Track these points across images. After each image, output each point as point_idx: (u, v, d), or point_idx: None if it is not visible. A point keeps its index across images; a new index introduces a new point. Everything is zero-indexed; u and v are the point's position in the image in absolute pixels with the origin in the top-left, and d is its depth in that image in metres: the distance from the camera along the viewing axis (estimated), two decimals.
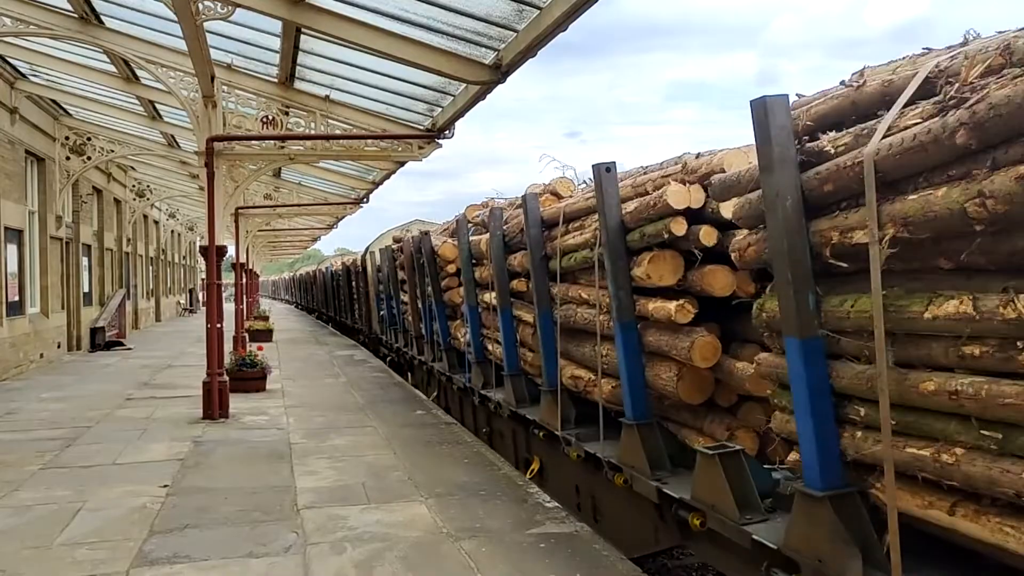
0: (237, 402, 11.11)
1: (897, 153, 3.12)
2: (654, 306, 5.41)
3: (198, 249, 26.62)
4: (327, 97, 12.12)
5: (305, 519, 6.15)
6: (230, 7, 8.53)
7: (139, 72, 13.16)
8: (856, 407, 3.59)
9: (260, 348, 14.65)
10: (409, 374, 15.98)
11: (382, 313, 18.10)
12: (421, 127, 12.17)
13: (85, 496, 6.81)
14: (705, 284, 5.08)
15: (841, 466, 3.70)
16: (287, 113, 11.91)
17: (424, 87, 10.99)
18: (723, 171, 4.74)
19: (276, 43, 10.68)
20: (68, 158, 18.40)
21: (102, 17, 11.21)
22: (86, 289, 21.10)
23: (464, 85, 9.81)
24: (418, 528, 5.91)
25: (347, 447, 8.77)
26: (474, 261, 9.87)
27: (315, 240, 46.17)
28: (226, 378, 10.78)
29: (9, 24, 10.84)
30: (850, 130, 3.55)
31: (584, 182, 7.79)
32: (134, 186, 25.90)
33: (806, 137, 3.78)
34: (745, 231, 4.35)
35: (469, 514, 6.24)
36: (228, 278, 31.58)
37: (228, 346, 13.45)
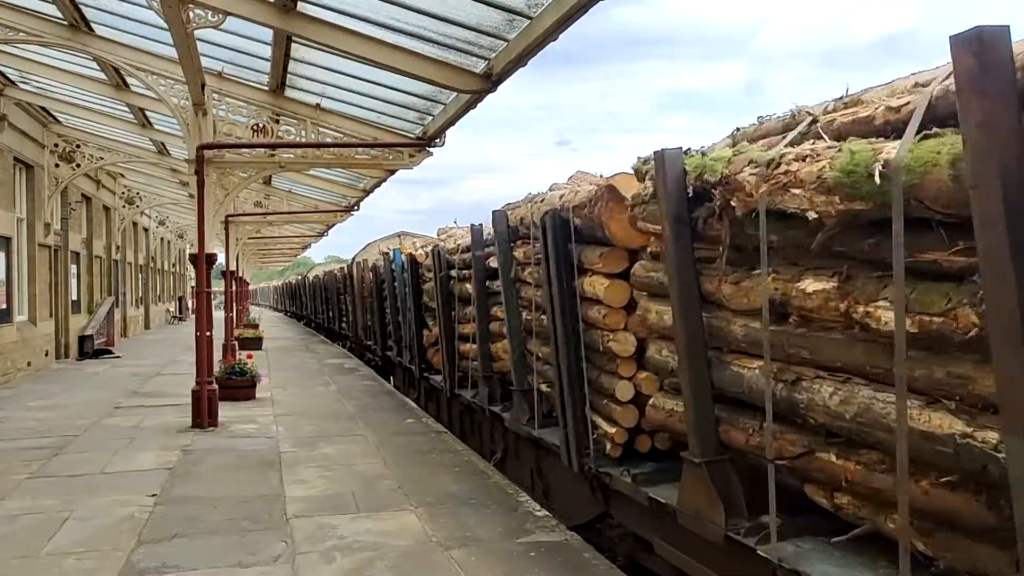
0: (226, 410, 11.07)
1: None
2: None
3: (188, 257, 26.58)
4: (318, 105, 12.13)
5: (295, 528, 6.14)
6: (221, 15, 8.53)
7: (129, 79, 13.13)
8: None
9: (250, 356, 14.61)
10: None
11: None
12: (412, 135, 12.19)
13: (73, 505, 6.77)
14: None
15: None
16: (278, 121, 11.92)
17: (415, 95, 11.02)
18: None
19: (267, 51, 10.70)
20: (57, 165, 18.32)
21: (92, 25, 11.19)
22: (75, 297, 20.99)
23: (455, 94, 9.84)
24: (408, 537, 5.90)
25: (337, 456, 8.75)
26: None
27: (305, 248, 46.20)
28: (215, 386, 10.74)
29: None
30: None
31: None
32: (124, 193, 25.81)
33: None
34: None
35: (459, 523, 6.24)
36: (218, 286, 30.43)
37: (218, 354, 13.40)
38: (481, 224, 9.12)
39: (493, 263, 8.50)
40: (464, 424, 10.61)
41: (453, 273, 10.35)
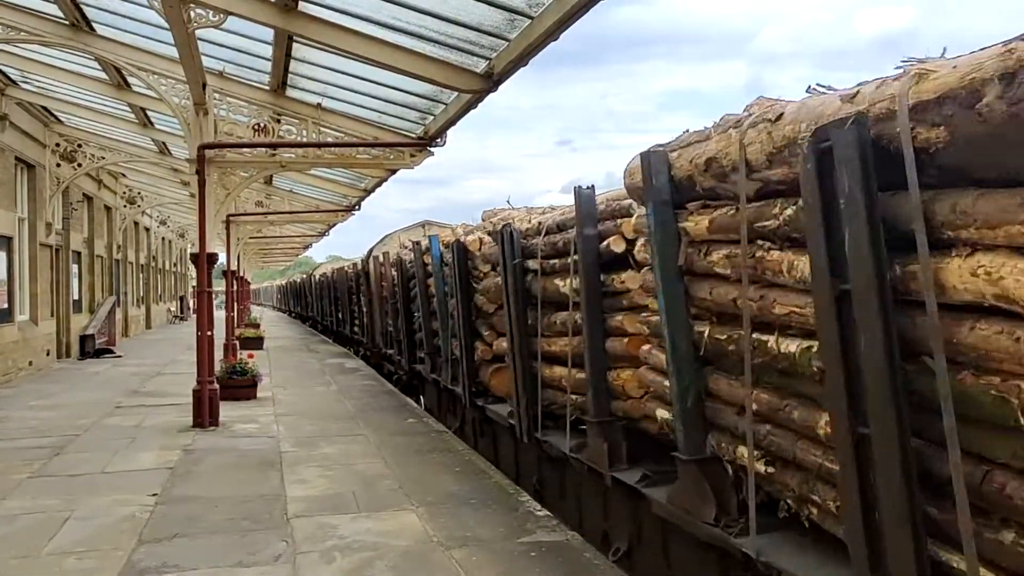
0: (227, 410, 11.07)
1: None
2: None
3: (189, 256, 26.60)
4: (319, 105, 12.13)
5: (295, 528, 6.13)
6: (222, 15, 8.53)
7: (130, 79, 13.14)
8: None
9: (251, 356, 14.61)
10: None
11: None
12: (413, 135, 12.19)
13: (74, 505, 6.77)
14: None
15: None
16: (279, 121, 11.92)
17: (416, 95, 11.02)
18: None
19: (268, 51, 10.70)
20: (59, 165, 18.34)
21: (93, 24, 11.20)
22: (76, 296, 21.01)
23: (456, 93, 9.83)
24: (408, 537, 5.90)
25: (338, 455, 8.74)
26: None
27: (306, 247, 46.20)
28: (216, 386, 10.74)
29: (0, 31, 10.83)
30: None
31: None
32: (125, 193, 25.84)
33: None
34: None
35: (460, 523, 6.23)
36: (219, 285, 30.32)
37: (219, 354, 13.40)
38: (592, 187, 6.23)
39: (616, 247, 5.87)
40: (545, 478, 7.64)
41: (532, 265, 7.43)
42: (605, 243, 6.02)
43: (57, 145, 18.34)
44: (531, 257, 7.46)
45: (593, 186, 6.22)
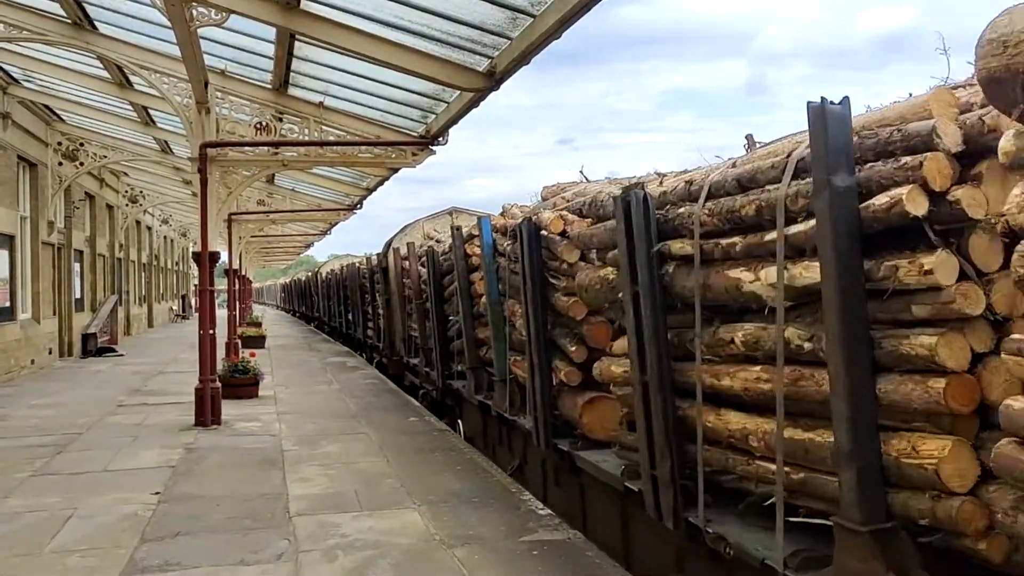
0: (229, 409, 11.07)
1: None
2: None
3: (191, 255, 26.62)
4: (321, 103, 12.12)
5: (297, 526, 6.13)
6: (224, 13, 8.53)
7: (132, 78, 13.14)
8: None
9: (252, 354, 14.62)
10: None
11: None
12: (415, 133, 12.18)
13: (76, 503, 6.77)
14: None
15: None
16: (281, 119, 11.90)
17: (418, 94, 11.01)
18: None
19: (270, 49, 10.69)
20: (61, 163, 18.35)
21: (95, 23, 11.21)
22: (78, 295, 21.03)
23: (458, 92, 9.83)
24: (410, 535, 5.90)
25: (339, 454, 8.75)
26: None
27: (308, 246, 46.25)
28: (218, 384, 10.74)
29: (2, 29, 10.84)
30: None
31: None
32: (127, 192, 25.86)
33: None
34: None
35: (462, 521, 6.23)
36: (221, 284, 30.07)
37: (221, 352, 13.40)
38: (846, 99, 3.43)
39: (914, 206, 3.17)
40: None
41: (677, 248, 4.79)
42: (881, 201, 3.30)
43: (59, 144, 18.35)
44: (673, 237, 4.84)
45: (847, 98, 3.46)
